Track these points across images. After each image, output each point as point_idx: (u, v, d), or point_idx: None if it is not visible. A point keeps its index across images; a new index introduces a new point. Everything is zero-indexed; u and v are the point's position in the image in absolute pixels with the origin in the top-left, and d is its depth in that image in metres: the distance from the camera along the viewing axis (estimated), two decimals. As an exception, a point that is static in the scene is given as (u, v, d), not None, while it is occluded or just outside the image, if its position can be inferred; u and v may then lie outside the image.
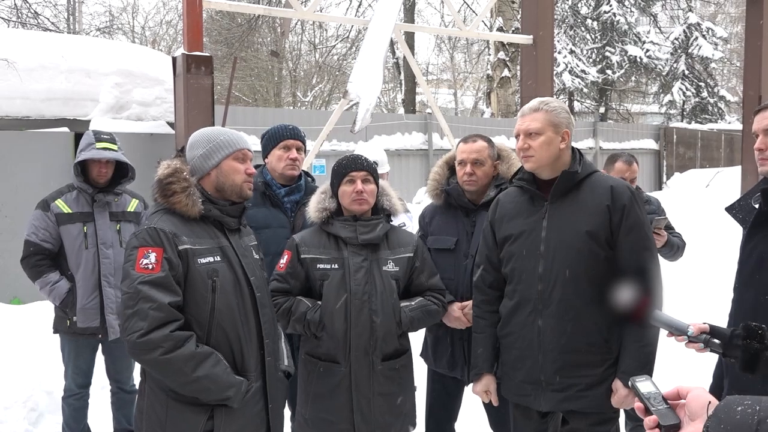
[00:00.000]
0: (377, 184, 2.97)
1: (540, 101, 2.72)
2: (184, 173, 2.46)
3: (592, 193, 2.63)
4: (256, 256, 2.68)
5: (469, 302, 3.06)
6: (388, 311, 2.86)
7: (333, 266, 2.86)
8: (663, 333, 2.16)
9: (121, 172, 3.98)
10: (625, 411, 4.15)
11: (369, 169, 2.93)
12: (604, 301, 2.54)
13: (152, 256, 2.32)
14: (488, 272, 2.86)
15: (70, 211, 3.83)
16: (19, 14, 13.05)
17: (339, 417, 2.82)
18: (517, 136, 2.71)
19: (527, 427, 2.81)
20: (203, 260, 2.41)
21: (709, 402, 1.18)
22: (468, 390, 3.31)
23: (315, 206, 2.95)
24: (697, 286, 6.93)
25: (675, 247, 4.11)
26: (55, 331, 3.94)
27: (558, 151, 2.65)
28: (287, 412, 3.39)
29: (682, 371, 4.17)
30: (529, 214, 2.72)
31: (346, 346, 2.81)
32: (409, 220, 3.41)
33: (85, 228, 3.84)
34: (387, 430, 2.90)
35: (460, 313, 3.06)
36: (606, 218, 2.59)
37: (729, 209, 2.37)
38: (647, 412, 1.27)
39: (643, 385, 1.32)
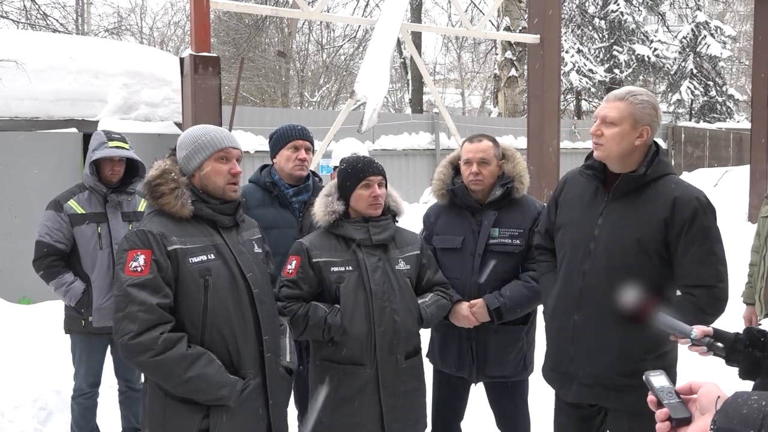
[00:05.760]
0: (386, 187, 3.00)
1: (628, 91, 2.54)
2: (173, 174, 2.47)
3: (654, 201, 2.50)
4: (258, 250, 2.66)
5: (477, 301, 3.08)
6: (408, 309, 2.88)
7: (348, 268, 2.85)
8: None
9: (131, 171, 4.00)
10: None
11: (383, 173, 2.97)
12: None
13: (141, 259, 2.33)
14: (546, 242, 2.90)
15: (84, 212, 3.85)
16: (28, 16, 13.12)
17: (367, 419, 2.81)
18: (595, 120, 2.58)
19: (566, 413, 2.77)
20: (195, 259, 2.40)
21: (719, 397, 1.19)
22: (474, 389, 3.32)
23: (323, 209, 2.93)
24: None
25: None
26: (68, 331, 3.96)
27: (631, 147, 2.50)
28: (294, 411, 3.41)
29: (697, 368, 4.17)
30: (589, 207, 2.63)
31: (370, 347, 2.80)
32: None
33: (99, 228, 3.86)
34: (414, 427, 2.93)
35: (468, 312, 3.07)
36: (661, 231, 2.47)
37: None
38: (659, 405, 1.29)
39: (657, 379, 1.34)
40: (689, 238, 2.45)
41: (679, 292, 2.55)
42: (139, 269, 2.32)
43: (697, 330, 1.99)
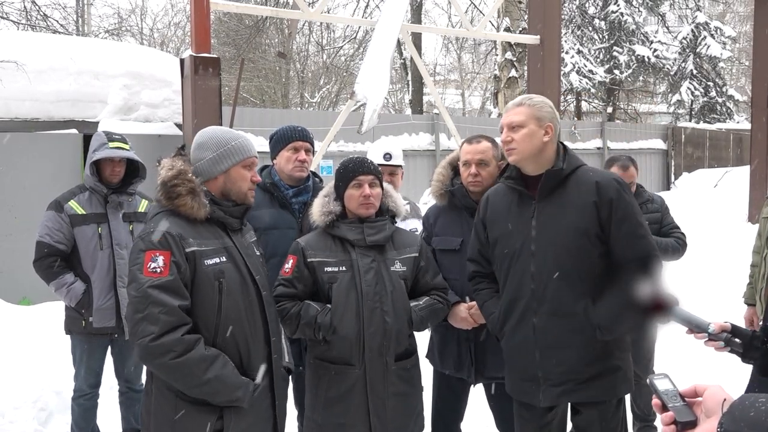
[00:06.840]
0: (382, 186, 2.99)
1: (524, 97, 2.77)
2: (189, 174, 2.44)
3: (578, 189, 2.65)
4: (257, 253, 2.68)
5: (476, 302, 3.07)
6: (400, 311, 2.87)
7: (341, 268, 2.85)
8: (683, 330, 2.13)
9: (132, 172, 4.01)
10: (633, 411, 4.15)
11: (376, 172, 2.95)
12: (598, 296, 2.58)
13: (160, 260, 2.31)
14: (482, 266, 2.92)
15: (84, 212, 3.86)
16: (29, 17, 13.13)
17: (354, 420, 2.81)
18: (501, 131, 2.75)
19: (530, 422, 2.81)
20: (210, 261, 2.40)
21: (725, 399, 1.19)
22: (474, 390, 3.32)
23: (319, 210, 2.94)
24: (704, 286, 6.91)
25: (665, 249, 4.04)
26: (68, 331, 3.96)
27: (541, 144, 2.67)
28: (293, 412, 3.41)
29: (700, 371, 4.17)
30: (519, 214, 2.74)
31: (359, 348, 2.80)
32: (421, 226, 3.42)
33: (99, 229, 3.87)
34: (405, 430, 2.91)
35: (466, 314, 3.07)
36: (594, 214, 2.60)
37: None
38: (664, 408, 1.28)
39: (661, 382, 1.33)
40: (619, 216, 2.59)
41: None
42: (158, 270, 2.29)
43: (715, 325, 1.98)
